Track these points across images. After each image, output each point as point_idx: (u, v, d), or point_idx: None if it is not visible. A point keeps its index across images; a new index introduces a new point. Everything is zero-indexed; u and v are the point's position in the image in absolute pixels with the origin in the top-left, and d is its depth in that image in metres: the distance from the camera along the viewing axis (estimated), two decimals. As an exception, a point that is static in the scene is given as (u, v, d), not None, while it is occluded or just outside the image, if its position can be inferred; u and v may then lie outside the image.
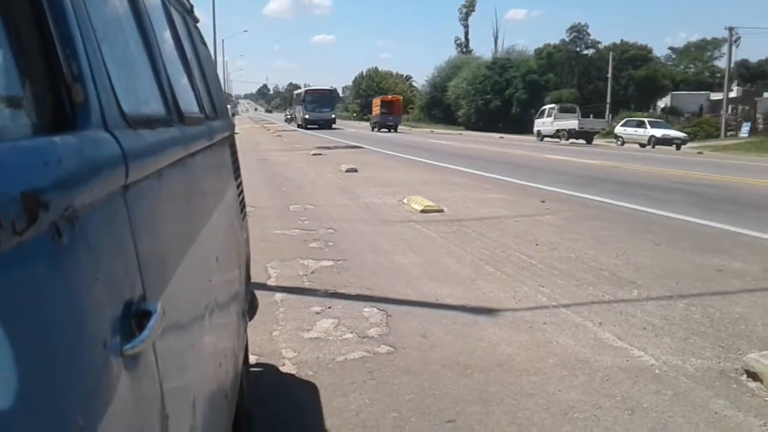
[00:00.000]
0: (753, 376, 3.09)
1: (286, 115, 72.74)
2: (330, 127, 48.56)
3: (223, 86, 3.87)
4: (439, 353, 3.46)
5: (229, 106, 3.97)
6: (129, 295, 0.80)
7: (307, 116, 49.46)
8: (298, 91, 61.27)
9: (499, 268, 5.32)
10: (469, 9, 78.10)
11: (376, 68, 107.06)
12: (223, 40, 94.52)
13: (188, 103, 1.77)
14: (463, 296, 4.53)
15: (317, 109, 49.81)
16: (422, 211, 8.14)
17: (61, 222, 0.62)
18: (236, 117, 60.89)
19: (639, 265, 5.40)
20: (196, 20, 2.71)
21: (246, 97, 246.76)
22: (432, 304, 4.36)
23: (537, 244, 6.21)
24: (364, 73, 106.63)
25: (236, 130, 3.43)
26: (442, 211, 8.18)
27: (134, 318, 0.80)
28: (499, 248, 6.06)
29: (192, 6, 2.57)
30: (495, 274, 5.13)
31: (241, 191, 2.74)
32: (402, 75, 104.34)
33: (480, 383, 3.09)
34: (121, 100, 0.94)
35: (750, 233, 6.81)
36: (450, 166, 15.63)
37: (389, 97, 56.31)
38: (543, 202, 9.18)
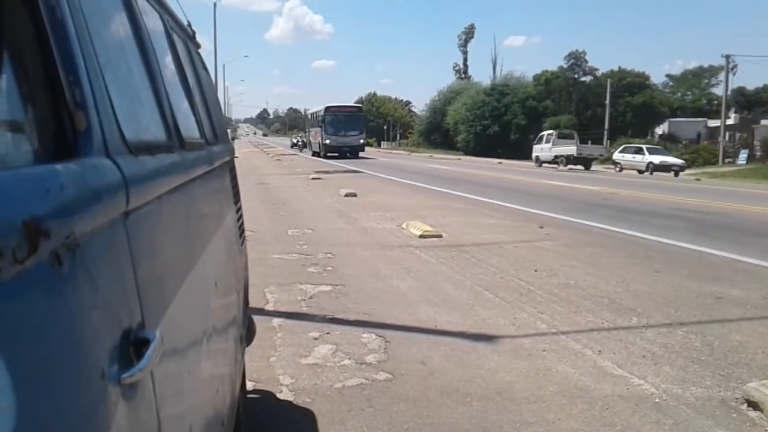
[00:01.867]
0: (753, 405, 3.06)
1: (294, 140, 64.42)
2: (357, 156, 38.60)
3: (223, 110, 3.89)
4: (438, 380, 3.43)
5: (229, 131, 3.99)
6: (128, 323, 0.80)
7: (327, 141, 38.63)
8: (315, 109, 46.85)
9: (498, 294, 5.30)
10: (468, 36, 78.89)
11: (375, 93, 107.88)
12: (224, 65, 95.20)
13: (189, 128, 1.78)
14: (462, 322, 4.51)
15: (341, 131, 39.01)
16: (421, 237, 8.13)
17: (62, 250, 0.62)
18: (236, 141, 57.65)
19: (638, 292, 5.38)
20: (198, 46, 2.74)
21: (246, 121, 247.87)
22: (431, 331, 4.34)
23: (536, 270, 6.19)
24: (364, 98, 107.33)
25: (236, 155, 3.44)
26: (441, 236, 8.18)
27: (132, 346, 0.79)
28: (498, 274, 6.04)
29: (194, 32, 2.59)
30: (494, 300, 5.11)
31: (241, 216, 2.74)
32: (401, 100, 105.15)
33: (479, 411, 3.06)
34: (123, 126, 0.94)
35: (749, 261, 6.80)
36: (449, 191, 15.66)
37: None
38: (542, 227, 9.18)
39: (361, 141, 40.72)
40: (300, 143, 54.84)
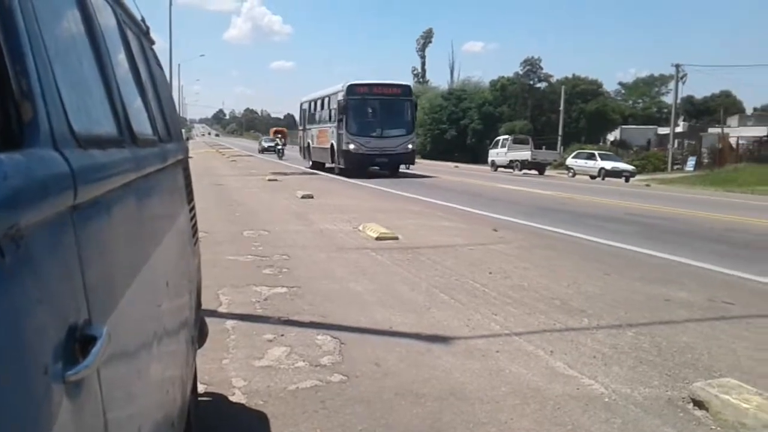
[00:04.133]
0: (699, 404, 3.15)
1: (266, 144, 54.58)
2: (397, 170, 24.34)
3: (178, 110, 3.83)
4: (392, 382, 3.44)
5: (183, 130, 3.93)
6: (73, 319, 0.78)
7: (351, 146, 22.77)
8: (318, 94, 28.81)
9: (453, 296, 5.34)
10: (426, 40, 79.42)
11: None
12: (179, 64, 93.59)
13: (141, 124, 1.75)
14: (417, 324, 4.53)
15: (376, 129, 23.23)
16: (377, 239, 8.14)
17: (5, 241, 0.60)
18: (191, 141, 52.90)
19: (590, 295, 5.49)
20: (152, 42, 2.69)
21: (201, 121, 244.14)
22: (386, 332, 4.35)
23: (490, 273, 6.26)
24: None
25: (191, 155, 3.38)
26: (397, 238, 8.20)
27: (78, 343, 0.77)
28: (453, 276, 6.09)
29: (148, 28, 2.54)
30: (449, 302, 5.15)
31: (194, 216, 2.70)
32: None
33: (433, 412, 3.08)
34: (72, 119, 0.92)
35: (696, 264, 7.01)
36: (406, 194, 15.72)
37: (280, 129, 64.21)
38: (496, 230, 9.29)
39: (410, 146, 23.55)
40: (279, 147, 42.86)
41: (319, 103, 28.46)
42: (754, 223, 11.49)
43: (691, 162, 42.90)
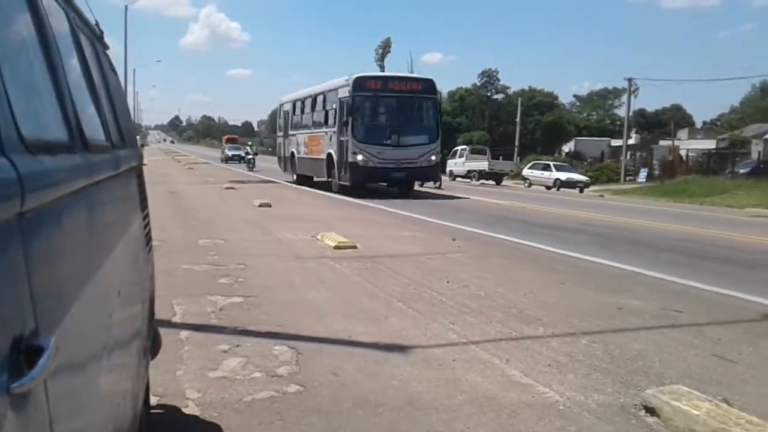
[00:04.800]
0: (650, 411, 3.22)
1: (230, 153, 51.67)
2: (410, 188, 19.99)
3: (133, 116, 3.76)
4: (350, 392, 3.42)
5: (138, 137, 3.86)
6: (19, 330, 0.75)
7: (358, 156, 18.04)
8: (318, 88, 22.11)
9: (411, 305, 5.35)
10: (385, 50, 79.65)
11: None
12: (134, 70, 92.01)
13: (94, 130, 1.71)
14: (375, 333, 4.52)
15: (391, 135, 18.59)
16: (336, 248, 8.11)
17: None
18: (146, 148, 50.36)
19: (545, 303, 5.57)
20: (106, 47, 2.64)
21: (157, 128, 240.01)
22: (344, 342, 4.33)
23: (448, 282, 6.30)
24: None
25: (145, 162, 3.33)
26: (355, 247, 8.19)
27: (24, 354, 0.75)
28: (411, 285, 6.11)
29: (102, 32, 2.50)
30: (407, 311, 5.16)
31: (148, 224, 2.65)
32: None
33: (390, 422, 3.07)
34: (21, 123, 0.89)
35: (649, 273, 7.17)
36: (364, 203, 15.72)
37: (232, 136, 68.26)
38: (454, 240, 9.36)
39: (433, 157, 18.81)
40: (249, 157, 37.16)
41: (308, 102, 22.60)
42: (702, 234, 11.83)
43: (643, 173, 44.04)
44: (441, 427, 3.03)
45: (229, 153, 52.55)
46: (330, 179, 19.67)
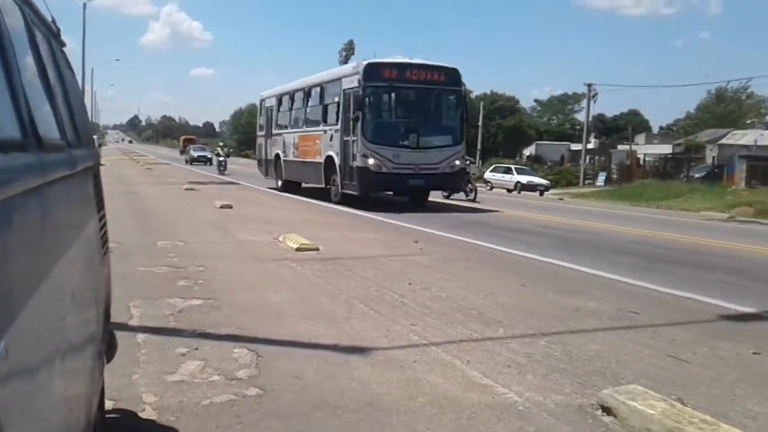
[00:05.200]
0: (607, 411, 3.28)
1: (196, 154, 49.26)
2: (427, 196, 17.26)
3: (90, 115, 3.69)
4: (310, 394, 3.40)
5: (96, 136, 3.79)
6: (-34, 334, 0.73)
7: (369, 161, 14.74)
8: (315, 78, 18.82)
9: (373, 307, 5.36)
10: (348, 52, 79.60)
11: (254, 104, 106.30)
12: (92, 68, 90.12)
13: (48, 128, 1.67)
14: (336, 335, 4.51)
15: (409, 134, 15.29)
16: (298, 250, 8.07)
17: None
18: (104, 148, 48.42)
19: (505, 305, 5.63)
20: (63, 44, 2.58)
21: (115, 127, 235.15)
22: (305, 344, 4.31)
23: (410, 284, 6.32)
24: (243, 109, 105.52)
25: (103, 162, 3.26)
26: (317, 249, 8.16)
27: (-29, 359, 0.73)
28: (373, 287, 6.11)
29: (59, 29, 2.44)
30: (368, 313, 5.16)
31: (104, 225, 2.60)
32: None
33: (350, 424, 3.07)
34: (-31, 121, 0.87)
35: (606, 275, 7.29)
36: (327, 204, 15.67)
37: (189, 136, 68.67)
38: (417, 242, 9.40)
39: (458, 162, 15.97)
40: (221, 159, 33.40)
41: (298, 96, 19.60)
42: (658, 236, 12.10)
43: (601, 177, 44.91)
44: (401, 428, 3.03)
45: (195, 154, 49.62)
46: (328, 187, 16.61)
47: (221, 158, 33.79)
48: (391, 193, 16.96)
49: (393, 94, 15.94)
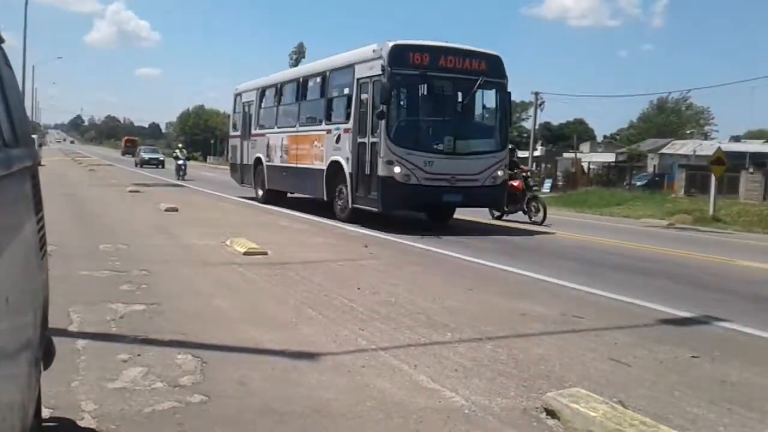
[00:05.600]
0: (551, 413, 3.33)
1: (145, 156, 46.17)
2: (451, 214, 14.28)
3: (30, 114, 3.56)
4: (256, 401, 3.36)
5: (35, 136, 3.66)
6: None
7: (396, 169, 11.53)
8: (318, 65, 15.64)
9: (322, 311, 5.33)
10: (298, 55, 79.22)
11: (202, 106, 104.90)
12: (33, 66, 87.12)
13: (-18, 127, 1.60)
14: (284, 341, 4.46)
15: (443, 136, 12.11)
16: (245, 254, 7.97)
17: None
18: (44, 148, 46.03)
19: (453, 309, 5.67)
20: (2, 40, 2.48)
21: (57, 127, 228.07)
22: (251, 350, 4.25)
23: (359, 288, 6.31)
24: (191, 110, 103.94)
25: (43, 162, 3.16)
26: (266, 253, 8.07)
27: None
28: (322, 292, 6.08)
29: (-5, 24, 2.35)
30: (317, 318, 5.13)
31: (43, 227, 2.51)
32: (230, 114, 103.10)
33: (297, 430, 3.04)
34: None
35: (551, 280, 7.43)
36: (277, 208, 15.52)
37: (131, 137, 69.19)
38: (366, 246, 9.39)
39: (500, 172, 12.63)
40: (180, 163, 29.58)
41: (290, 89, 16.59)
42: (601, 242, 12.41)
43: (547, 184, 45.80)
44: (348, 434, 3.02)
45: (146, 156, 46.25)
46: (333, 200, 13.53)
47: (180, 162, 29.82)
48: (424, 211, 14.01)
49: (424, 86, 12.49)
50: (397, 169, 11.53)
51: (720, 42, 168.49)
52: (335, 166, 13.31)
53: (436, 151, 11.92)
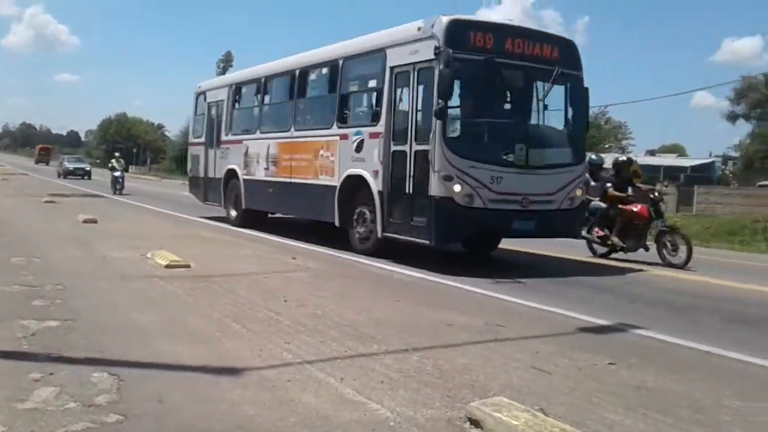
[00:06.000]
0: (475, 423, 3.36)
1: (69, 164, 43.50)
2: (497, 244, 11.51)
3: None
4: (175, 419, 3.24)
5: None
6: None
7: (456, 188, 8.60)
8: (329, 51, 11.88)
9: (246, 325, 5.22)
10: (226, 63, 78.08)
11: (125, 114, 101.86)
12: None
13: None
14: (206, 356, 4.34)
15: (516, 143, 9.15)
16: (167, 267, 7.74)
17: None
18: None
19: (380, 321, 5.67)
20: None
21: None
22: (172, 366, 4.11)
23: (285, 301, 6.23)
24: (113, 118, 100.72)
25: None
26: (189, 266, 7.86)
27: None
28: (247, 305, 5.97)
29: None
30: (241, 332, 5.02)
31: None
32: (153, 123, 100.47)
33: (219, 448, 2.95)
34: None
35: (478, 290, 7.53)
36: (203, 220, 15.18)
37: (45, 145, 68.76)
38: (294, 258, 9.29)
39: (578, 192, 9.79)
40: (117, 175, 26.49)
41: (281, 83, 13.54)
42: (519, 252, 12.69)
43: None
44: (272, 450, 2.96)
45: (70, 166, 42.80)
46: (350, 226, 10.60)
47: (117, 173, 26.66)
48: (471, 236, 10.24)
49: (489, 77, 9.18)
50: (457, 188, 8.61)
51: (638, 59, 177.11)
52: (353, 182, 10.31)
53: (505, 163, 9.00)
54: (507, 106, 9.96)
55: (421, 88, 9.31)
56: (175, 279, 7.08)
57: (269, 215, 14.41)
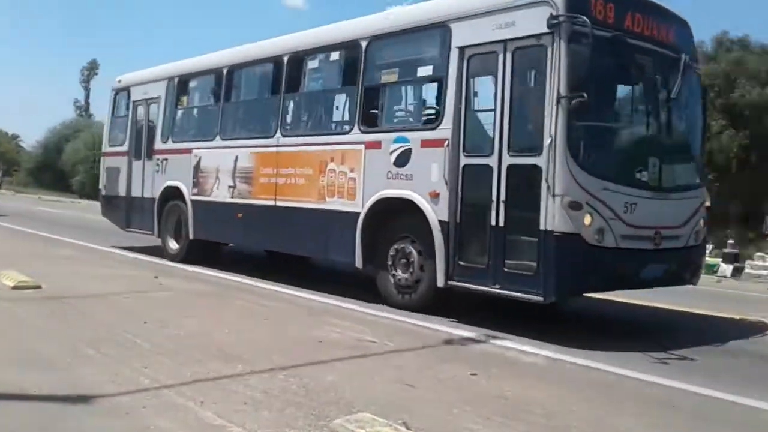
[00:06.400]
0: (338, 440, 3.36)
1: None
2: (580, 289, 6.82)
3: None
4: (13, 454, 2.99)
5: None
6: None
7: (584, 218, 5.94)
8: (415, 10, 7.73)
9: (101, 349, 4.92)
10: (91, 71, 74.00)
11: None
12: None
13: None
14: (54, 384, 4.04)
15: (650, 157, 6.62)
16: (14, 288, 7.14)
17: None
18: None
19: (247, 340, 5.55)
20: None
21: None
22: (14, 396, 3.79)
23: (146, 323, 5.94)
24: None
25: None
26: (40, 287, 7.30)
27: None
28: (103, 328, 5.63)
29: None
30: (95, 357, 4.73)
31: None
32: (7, 133, 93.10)
33: (61, 484, 2.75)
34: None
35: (350, 306, 7.54)
36: (59, 237, 14.18)
37: None
38: (157, 277, 8.89)
39: (702, 222, 7.25)
40: None
41: (256, 72, 10.40)
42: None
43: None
44: (121, 482, 2.79)
45: None
46: (381, 268, 7.82)
47: None
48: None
49: (621, 62, 6.81)
50: (587, 219, 6.09)
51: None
52: (391, 207, 7.63)
53: (638, 184, 6.59)
54: (639, 105, 7.39)
55: (517, 76, 6.59)
56: (23, 301, 6.56)
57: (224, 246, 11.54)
